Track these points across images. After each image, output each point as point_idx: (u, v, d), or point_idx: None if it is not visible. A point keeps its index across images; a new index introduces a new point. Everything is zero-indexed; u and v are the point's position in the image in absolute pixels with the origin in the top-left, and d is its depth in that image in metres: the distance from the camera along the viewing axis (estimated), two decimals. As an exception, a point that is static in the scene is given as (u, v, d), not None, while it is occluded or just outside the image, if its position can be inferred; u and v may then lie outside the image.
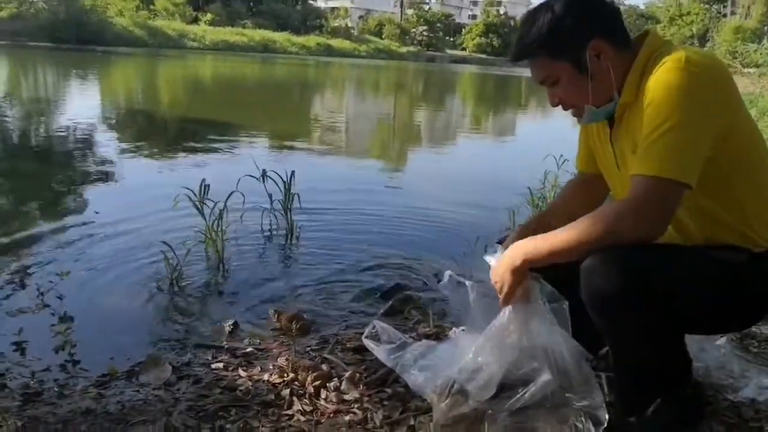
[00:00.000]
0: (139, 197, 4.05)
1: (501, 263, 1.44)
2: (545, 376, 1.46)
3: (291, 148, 6.99)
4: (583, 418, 1.47)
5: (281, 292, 2.59)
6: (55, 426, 1.51)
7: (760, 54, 7.64)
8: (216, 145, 6.62)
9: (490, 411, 1.51)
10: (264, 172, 3.45)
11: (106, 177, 4.85)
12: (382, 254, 3.13)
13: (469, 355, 1.57)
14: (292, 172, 3.47)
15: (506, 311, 1.46)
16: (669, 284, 1.30)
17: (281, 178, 3.42)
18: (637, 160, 1.28)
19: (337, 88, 20.42)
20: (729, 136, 1.30)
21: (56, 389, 1.71)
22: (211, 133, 7.52)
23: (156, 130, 8.13)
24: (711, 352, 1.83)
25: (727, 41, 30.76)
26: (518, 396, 1.49)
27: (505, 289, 1.42)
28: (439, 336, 2.12)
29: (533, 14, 1.42)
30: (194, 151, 6.27)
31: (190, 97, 13.46)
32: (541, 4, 1.43)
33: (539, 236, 1.39)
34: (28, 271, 2.61)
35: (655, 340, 1.36)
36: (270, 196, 3.41)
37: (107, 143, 6.45)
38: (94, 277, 2.62)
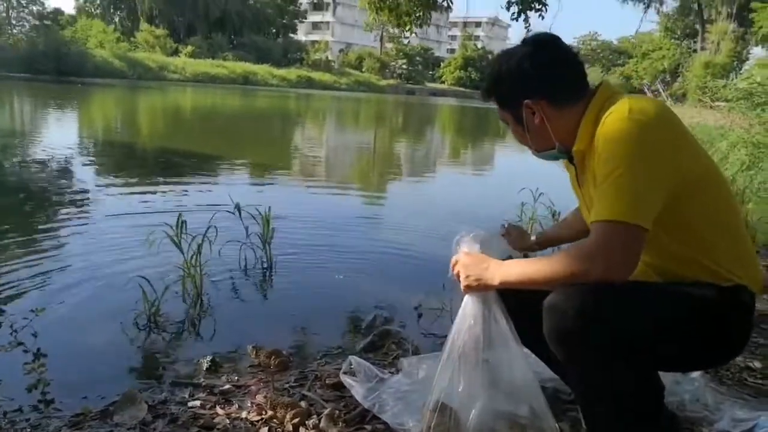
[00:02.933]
0: (116, 231, 4.01)
1: (476, 265, 1.50)
2: None
3: (270, 179, 7.02)
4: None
5: (260, 327, 2.59)
6: (26, 469, 1.48)
7: (729, 90, 7.88)
8: (195, 178, 6.63)
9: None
10: (238, 206, 3.45)
11: (82, 210, 4.80)
12: (361, 288, 3.14)
13: (443, 365, 1.57)
14: (269, 207, 3.48)
15: (467, 303, 1.53)
16: (630, 323, 1.32)
17: (259, 212, 3.43)
18: (593, 208, 1.33)
19: (318, 119, 20.58)
20: (687, 184, 1.34)
21: (28, 430, 1.67)
22: (190, 165, 7.53)
23: (135, 162, 8.09)
24: (685, 385, 1.86)
25: (697, 76, 31.64)
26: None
27: (470, 283, 1.50)
28: (417, 371, 2.12)
29: (495, 61, 1.56)
30: (173, 183, 6.25)
31: (170, 128, 13.46)
32: (502, 53, 1.56)
33: (518, 261, 1.47)
34: (2, 307, 2.56)
35: (615, 377, 1.37)
36: (247, 229, 3.41)
37: (84, 175, 6.41)
38: (69, 314, 2.59)
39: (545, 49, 1.51)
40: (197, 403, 1.86)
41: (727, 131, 9.43)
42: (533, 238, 2.01)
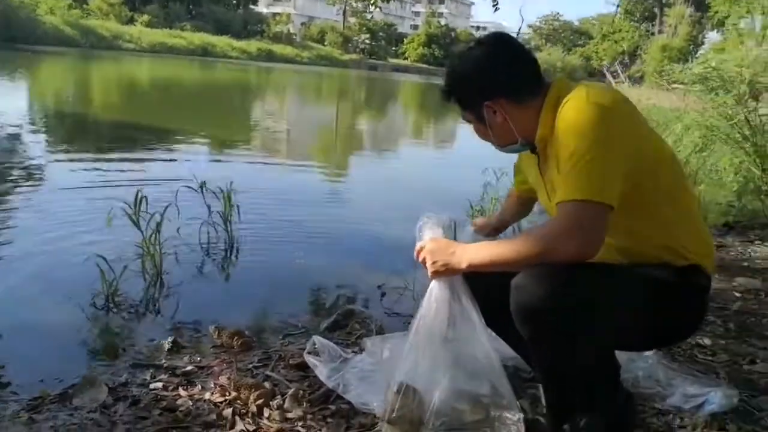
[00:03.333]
0: (70, 205, 3.88)
1: (442, 250, 1.52)
2: (509, 414, 1.51)
3: (231, 155, 6.90)
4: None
5: (221, 307, 2.56)
6: (-18, 455, 1.45)
7: (684, 74, 8.05)
8: (152, 152, 6.46)
9: (431, 423, 1.55)
10: (203, 183, 3.39)
11: (33, 183, 4.63)
12: (324, 267, 3.14)
13: (407, 349, 1.59)
14: (231, 183, 3.43)
15: (433, 288, 1.54)
16: (594, 303, 1.35)
17: (221, 189, 3.38)
18: (558, 189, 1.38)
19: (279, 93, 20.25)
20: (644, 166, 1.40)
21: (-17, 415, 1.63)
22: (147, 139, 7.32)
23: (89, 135, 7.84)
24: (639, 362, 1.93)
25: (655, 59, 32.27)
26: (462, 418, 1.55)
27: (438, 269, 1.51)
28: (381, 350, 2.14)
29: (452, 63, 1.60)
30: (129, 157, 6.10)
31: (125, 100, 13.06)
32: (461, 52, 1.59)
33: (484, 244, 1.50)
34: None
35: (578, 355, 1.43)
36: (209, 207, 3.35)
37: (34, 148, 6.16)
38: (22, 292, 2.52)
39: (500, 48, 1.55)
40: (159, 384, 1.83)
41: (682, 114, 9.68)
42: (493, 223, 2.07)
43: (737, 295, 2.94)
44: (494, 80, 1.53)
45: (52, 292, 2.55)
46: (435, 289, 1.54)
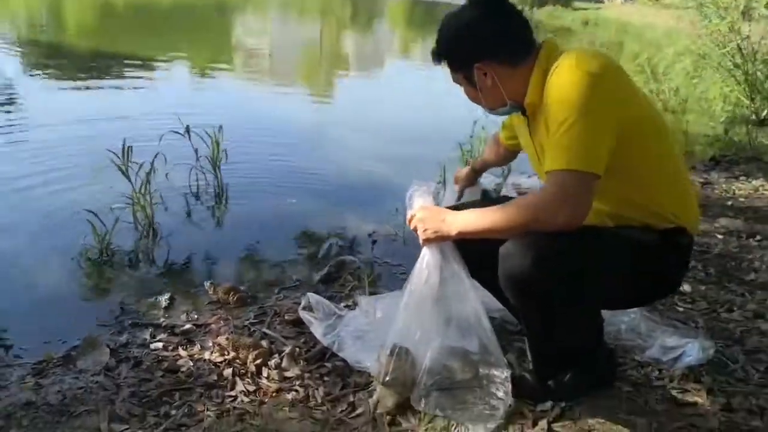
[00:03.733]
0: (49, 148, 3.81)
1: (432, 218, 1.55)
2: (497, 371, 1.58)
3: (214, 81, 6.74)
4: (505, 388, 1.61)
5: (215, 258, 2.60)
6: (-6, 422, 1.51)
7: (679, -3, 7.87)
8: (132, 80, 6.29)
9: (423, 382, 1.62)
10: (188, 128, 3.35)
11: (5, 123, 4.42)
12: (315, 212, 3.17)
13: (400, 313, 1.65)
14: (220, 127, 3.38)
15: (425, 254, 1.58)
16: (580, 270, 1.41)
17: (207, 134, 3.34)
18: (547, 157, 1.40)
19: (260, 11, 19.50)
20: (632, 128, 1.42)
21: (-10, 381, 1.68)
22: (125, 65, 7.08)
23: (64, 63, 7.56)
24: (621, 315, 2.01)
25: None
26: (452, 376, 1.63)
27: (429, 236, 1.55)
28: (374, 303, 2.20)
29: (443, 25, 1.58)
30: (108, 86, 5.92)
31: (101, 23, 12.59)
32: (452, 14, 1.58)
33: (474, 212, 1.51)
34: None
35: (564, 318, 1.50)
36: (196, 151, 3.33)
37: (3, 78, 5.96)
38: (15, 251, 2.51)
39: (491, 10, 1.54)
40: (159, 345, 1.89)
41: (674, 38, 9.52)
42: (474, 165, 2.16)
43: (719, 237, 3.01)
44: (485, 42, 1.52)
45: (45, 249, 2.56)
46: (427, 255, 1.58)
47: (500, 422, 1.53)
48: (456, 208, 1.78)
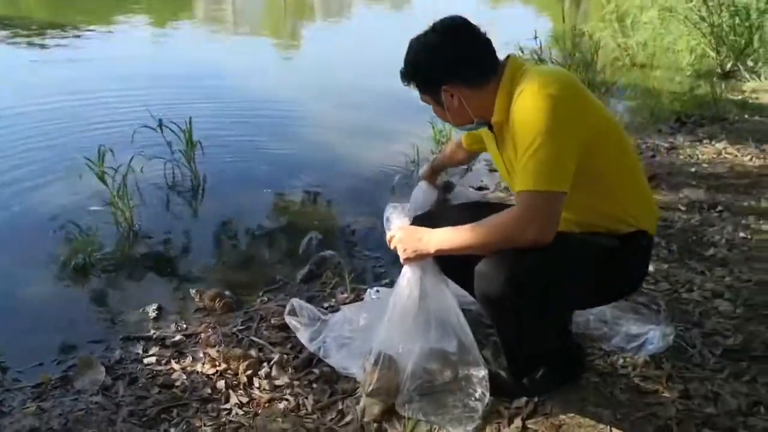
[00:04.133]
0: (9, 143, 3.78)
1: (410, 238, 1.64)
2: (475, 371, 1.69)
3: (176, 37, 6.49)
4: (482, 388, 1.73)
5: (197, 261, 2.67)
6: (2, 452, 1.59)
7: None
8: (91, 37, 6.05)
9: (406, 388, 1.74)
10: (161, 121, 3.36)
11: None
12: (291, 202, 3.22)
13: (384, 325, 1.75)
14: (190, 119, 3.39)
15: (406, 271, 1.68)
16: (550, 285, 1.52)
17: (180, 128, 3.35)
18: (516, 179, 1.50)
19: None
20: (592, 140, 1.51)
21: (-7, 409, 1.76)
22: (81, 19, 6.82)
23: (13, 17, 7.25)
24: (590, 305, 2.13)
25: None
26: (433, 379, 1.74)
27: (409, 255, 1.65)
28: (354, 302, 2.29)
29: (410, 49, 1.64)
30: (64, 45, 5.69)
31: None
32: (418, 38, 1.63)
33: (450, 230, 1.58)
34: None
35: (535, 327, 1.63)
36: (170, 144, 3.36)
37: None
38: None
39: (454, 35, 1.60)
40: (152, 359, 1.97)
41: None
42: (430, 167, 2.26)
43: (682, 209, 3.15)
44: (450, 66, 1.59)
45: (26, 261, 2.58)
46: (408, 272, 1.67)
47: (478, 423, 1.66)
48: (433, 215, 1.89)
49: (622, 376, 1.86)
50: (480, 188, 3.42)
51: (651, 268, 2.48)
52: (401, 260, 1.66)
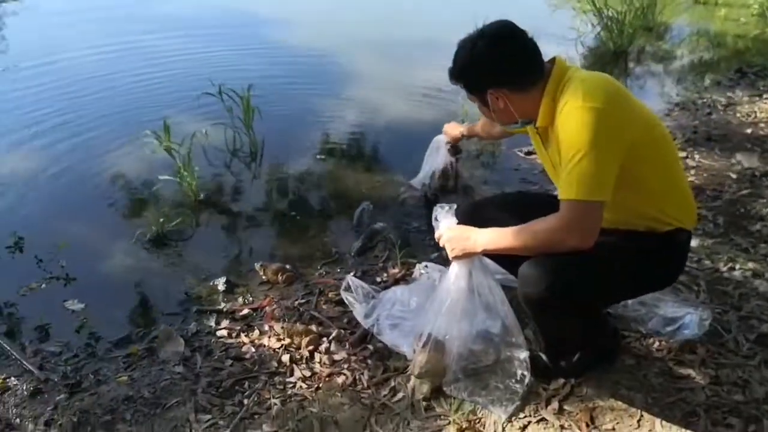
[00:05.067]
0: (87, 108, 4.01)
1: (459, 237, 1.77)
2: (517, 353, 1.84)
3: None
4: (523, 369, 1.89)
5: (259, 232, 2.87)
6: (103, 418, 1.85)
7: None
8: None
9: (452, 369, 1.91)
10: (220, 88, 3.50)
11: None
12: (343, 170, 3.38)
13: (433, 312, 1.92)
14: (249, 87, 3.51)
15: (454, 267, 1.82)
16: (591, 286, 1.64)
17: (238, 95, 3.49)
18: (560, 187, 1.59)
19: None
20: (634, 147, 1.58)
21: (92, 376, 2.02)
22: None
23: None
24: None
25: None
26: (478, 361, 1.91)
27: (457, 254, 1.77)
28: (405, 277, 2.46)
29: (460, 49, 1.71)
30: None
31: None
32: (466, 42, 1.69)
33: (497, 232, 1.69)
34: (20, 235, 2.75)
35: (574, 325, 1.76)
36: (231, 111, 3.51)
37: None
38: (80, 237, 2.75)
39: (504, 42, 1.66)
40: (224, 332, 2.20)
41: None
42: (463, 130, 2.61)
43: (733, 177, 3.14)
44: (496, 73, 1.67)
45: (105, 233, 2.80)
46: (455, 268, 1.81)
47: (518, 404, 1.82)
48: (479, 209, 2.00)
49: (657, 360, 1.98)
50: (528, 153, 3.47)
51: (695, 243, 2.55)
52: (450, 258, 1.79)
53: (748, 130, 3.70)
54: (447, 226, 1.80)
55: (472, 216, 1.90)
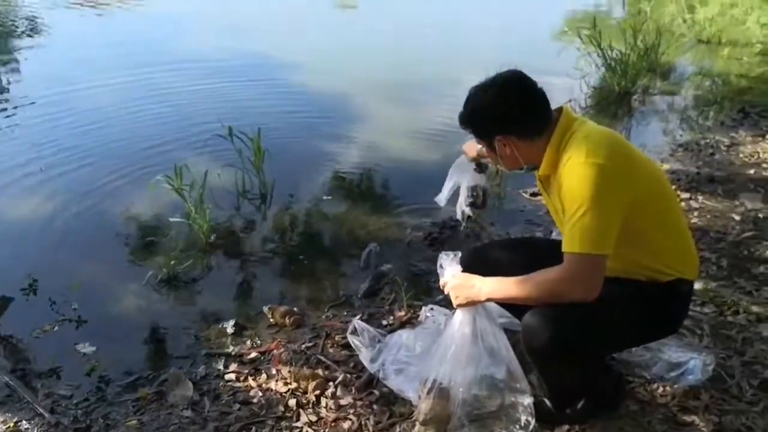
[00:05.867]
0: (96, 148, 4.12)
1: (463, 286, 1.80)
2: (521, 399, 1.86)
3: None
4: (527, 415, 1.90)
5: (268, 274, 2.92)
6: (113, 463, 1.88)
7: None
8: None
9: (457, 416, 1.93)
10: (230, 129, 3.58)
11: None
12: (350, 209, 3.44)
13: (437, 358, 1.94)
14: (259, 130, 3.61)
15: (458, 314, 1.85)
16: (593, 337, 1.66)
17: (249, 137, 3.58)
18: (564, 240, 1.62)
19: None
20: (636, 201, 1.62)
21: (102, 420, 2.05)
22: None
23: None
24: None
25: None
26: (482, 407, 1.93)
27: (461, 302, 1.81)
28: (411, 320, 2.49)
29: (471, 95, 1.77)
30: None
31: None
32: (478, 89, 1.76)
33: (501, 282, 1.73)
34: (34, 277, 2.80)
35: (577, 373, 1.78)
36: (240, 152, 3.59)
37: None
38: (92, 279, 2.82)
39: (513, 92, 1.72)
40: (232, 375, 2.23)
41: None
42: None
43: (736, 219, 3.17)
44: (504, 122, 1.73)
45: (117, 276, 2.86)
46: (459, 315, 1.84)
47: (522, 450, 1.84)
48: (483, 255, 2.04)
49: (661, 406, 1.99)
50: (534, 194, 3.52)
51: (698, 286, 2.57)
52: (454, 305, 1.83)
53: (751, 171, 3.74)
54: (452, 274, 1.84)
55: (477, 262, 1.95)
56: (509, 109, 1.70)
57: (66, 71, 5.82)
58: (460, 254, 1.91)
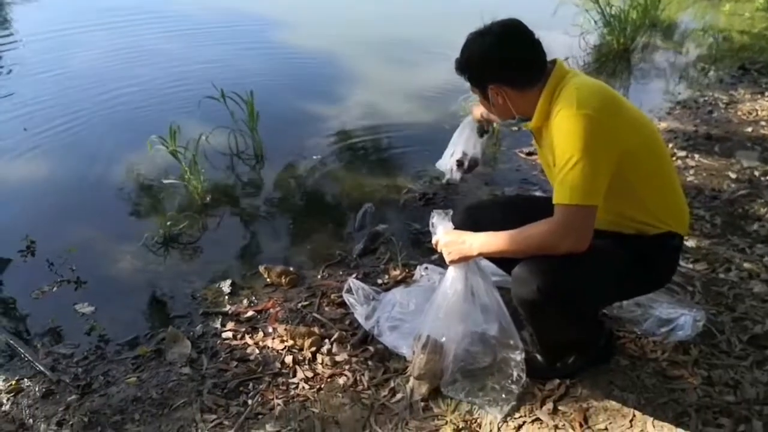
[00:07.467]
0: (93, 113, 4.08)
1: (455, 242, 1.81)
2: (513, 354, 1.89)
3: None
4: (519, 370, 1.94)
5: (263, 234, 2.94)
6: (113, 418, 1.92)
7: None
8: None
9: (450, 370, 1.96)
10: (223, 92, 3.55)
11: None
12: (346, 169, 3.42)
13: (431, 314, 1.97)
14: (251, 92, 3.56)
15: (451, 271, 1.87)
16: (582, 288, 1.67)
17: (241, 98, 3.54)
18: (555, 191, 1.62)
19: None
20: (626, 153, 1.62)
21: (102, 377, 2.09)
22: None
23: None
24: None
25: None
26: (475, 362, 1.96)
27: (454, 258, 1.82)
28: (406, 279, 2.51)
29: (468, 42, 1.76)
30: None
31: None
32: (475, 36, 1.74)
33: (491, 236, 1.74)
34: (31, 239, 2.82)
35: (565, 327, 1.81)
36: (232, 114, 3.56)
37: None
38: (90, 241, 2.83)
39: (509, 41, 1.70)
40: (229, 334, 2.26)
41: None
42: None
43: (732, 176, 3.17)
44: (498, 70, 1.72)
45: (113, 236, 2.87)
46: (452, 271, 1.86)
47: (513, 404, 1.88)
48: (476, 212, 2.04)
49: (650, 361, 2.03)
50: (529, 153, 3.51)
51: (691, 243, 2.59)
52: (446, 262, 1.84)
53: (749, 129, 3.72)
54: (443, 231, 1.85)
55: (469, 220, 1.95)
56: (504, 58, 1.69)
57: (57, 32, 5.74)
58: (451, 212, 1.91)
